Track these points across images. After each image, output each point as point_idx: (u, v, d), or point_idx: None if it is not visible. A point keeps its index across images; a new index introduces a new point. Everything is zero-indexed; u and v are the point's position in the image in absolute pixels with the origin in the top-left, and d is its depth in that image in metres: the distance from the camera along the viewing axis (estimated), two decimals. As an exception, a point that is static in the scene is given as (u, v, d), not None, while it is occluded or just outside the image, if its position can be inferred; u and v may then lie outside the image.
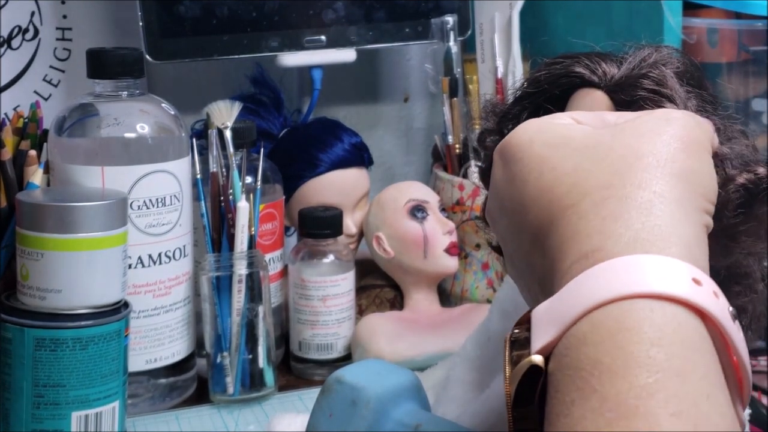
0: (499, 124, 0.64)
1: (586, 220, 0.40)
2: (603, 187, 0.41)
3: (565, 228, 0.41)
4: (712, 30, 0.96)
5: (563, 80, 0.60)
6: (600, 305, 0.37)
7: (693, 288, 0.37)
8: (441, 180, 1.02)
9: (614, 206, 0.40)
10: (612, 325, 0.36)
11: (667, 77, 0.55)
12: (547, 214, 0.42)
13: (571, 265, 0.40)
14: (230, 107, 0.87)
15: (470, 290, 1.00)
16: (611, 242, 0.39)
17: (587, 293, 0.38)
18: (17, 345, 0.70)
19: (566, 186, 0.42)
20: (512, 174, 0.45)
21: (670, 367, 0.35)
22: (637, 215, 0.40)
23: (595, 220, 0.40)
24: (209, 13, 0.98)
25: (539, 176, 0.43)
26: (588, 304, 0.37)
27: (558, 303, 0.39)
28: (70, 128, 0.80)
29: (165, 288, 0.82)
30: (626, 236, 0.39)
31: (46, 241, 0.71)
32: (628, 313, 0.36)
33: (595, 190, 0.41)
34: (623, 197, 0.40)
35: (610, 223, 0.40)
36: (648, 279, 0.37)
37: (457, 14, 1.04)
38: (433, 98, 1.19)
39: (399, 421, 0.55)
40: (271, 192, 0.91)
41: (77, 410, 0.71)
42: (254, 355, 0.84)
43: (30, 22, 1.01)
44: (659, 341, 0.35)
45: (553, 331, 0.38)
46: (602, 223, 0.40)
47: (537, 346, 0.38)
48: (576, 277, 0.39)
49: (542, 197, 0.43)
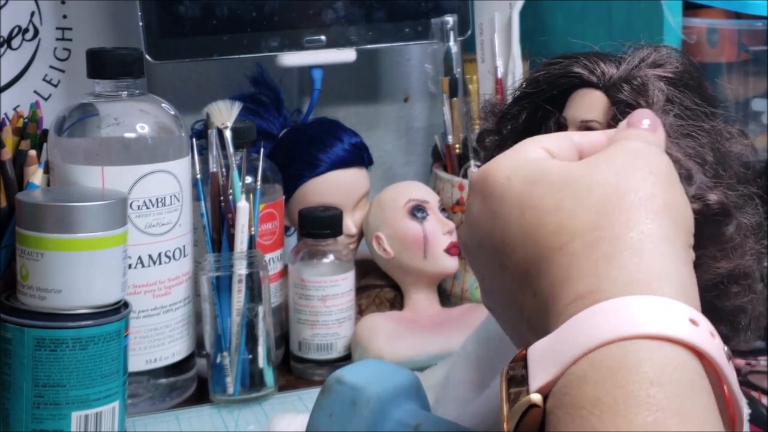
0: (499, 124, 0.64)
1: (578, 262, 0.41)
2: (591, 229, 0.41)
3: (557, 269, 0.41)
4: (712, 30, 0.96)
5: (562, 80, 0.60)
6: (600, 345, 0.37)
7: (691, 329, 0.38)
8: (441, 180, 1.02)
9: (605, 248, 0.41)
10: (612, 365, 0.37)
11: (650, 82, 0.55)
12: (534, 254, 0.43)
13: (566, 306, 0.40)
14: (230, 107, 0.87)
15: (470, 290, 1.01)
16: (607, 283, 0.39)
17: (587, 333, 0.38)
18: (17, 345, 0.70)
19: (552, 226, 0.42)
20: (491, 211, 0.45)
21: (669, 406, 0.35)
22: (630, 256, 0.40)
23: (588, 262, 0.40)
24: (209, 13, 0.98)
25: (521, 215, 0.44)
26: (588, 344, 0.37)
27: (556, 342, 0.39)
28: (70, 128, 0.80)
29: (165, 288, 0.82)
30: (621, 277, 0.39)
31: (46, 241, 0.71)
32: (629, 353, 0.37)
33: (584, 232, 0.41)
34: (613, 239, 0.41)
35: (604, 264, 0.40)
36: (647, 320, 0.37)
37: (457, 14, 1.04)
38: (433, 98, 1.19)
39: (399, 421, 0.55)
40: (271, 192, 0.91)
41: (77, 410, 0.71)
42: (254, 355, 0.84)
43: (30, 22, 1.01)
44: (659, 380, 0.36)
45: (553, 370, 0.38)
46: (595, 265, 0.40)
47: (536, 385, 0.39)
48: (573, 318, 0.39)
49: (527, 237, 0.43)
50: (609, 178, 0.43)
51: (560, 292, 0.41)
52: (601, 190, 0.43)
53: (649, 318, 0.37)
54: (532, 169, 0.45)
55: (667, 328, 0.37)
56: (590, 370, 0.37)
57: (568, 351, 0.38)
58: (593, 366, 0.37)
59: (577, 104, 0.60)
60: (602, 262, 0.40)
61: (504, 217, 0.44)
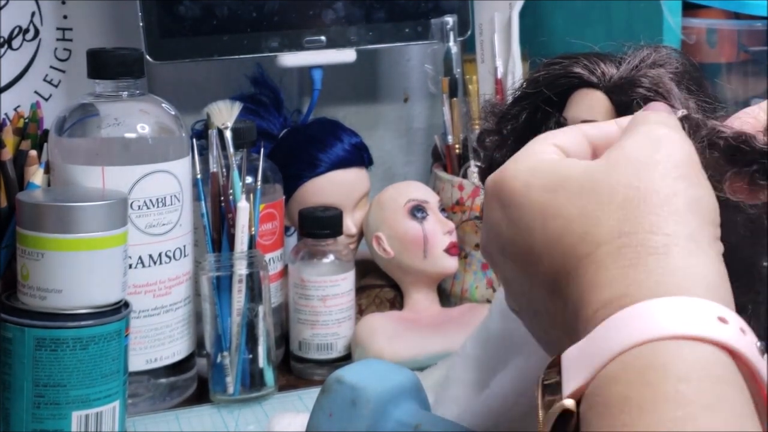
0: (499, 125, 0.64)
1: (605, 269, 0.41)
2: (615, 236, 0.42)
3: (583, 277, 0.42)
4: (712, 30, 0.97)
5: (562, 81, 0.60)
6: (630, 348, 0.38)
7: (720, 327, 0.38)
8: (441, 180, 1.02)
9: (631, 254, 0.41)
10: (642, 365, 0.37)
11: (664, 77, 0.55)
12: (561, 264, 0.43)
13: (595, 312, 0.40)
14: (230, 107, 0.87)
15: (470, 290, 1.01)
16: (634, 288, 0.40)
17: (616, 338, 0.38)
18: (18, 345, 0.70)
19: (577, 235, 0.43)
20: (513, 219, 0.45)
21: (699, 401, 0.35)
22: (656, 260, 0.40)
23: (614, 269, 0.41)
24: (209, 14, 0.98)
25: (544, 224, 0.44)
26: (618, 347, 0.38)
27: (586, 348, 0.39)
28: (70, 128, 0.80)
29: (165, 288, 0.82)
30: (648, 281, 0.40)
31: (46, 241, 0.71)
32: (658, 353, 0.37)
33: (610, 239, 0.42)
34: (638, 245, 0.41)
35: (630, 270, 0.40)
36: (675, 321, 0.38)
37: (457, 14, 1.04)
38: (433, 98, 1.19)
39: (399, 420, 0.55)
40: (271, 192, 0.91)
41: (78, 410, 0.71)
42: (254, 354, 0.84)
43: (30, 23, 1.02)
44: (687, 377, 0.36)
45: (584, 375, 0.39)
46: (622, 272, 0.41)
47: (568, 391, 0.39)
48: (603, 323, 0.39)
49: (554, 248, 0.43)
50: (630, 180, 0.43)
51: (589, 299, 0.41)
52: (622, 193, 0.43)
53: (677, 319, 0.38)
54: (549, 175, 0.45)
55: (694, 328, 0.37)
56: (620, 371, 0.37)
57: (598, 355, 0.38)
58: (623, 367, 0.37)
59: (577, 104, 0.60)
60: (629, 268, 0.40)
61: (526, 226, 0.44)
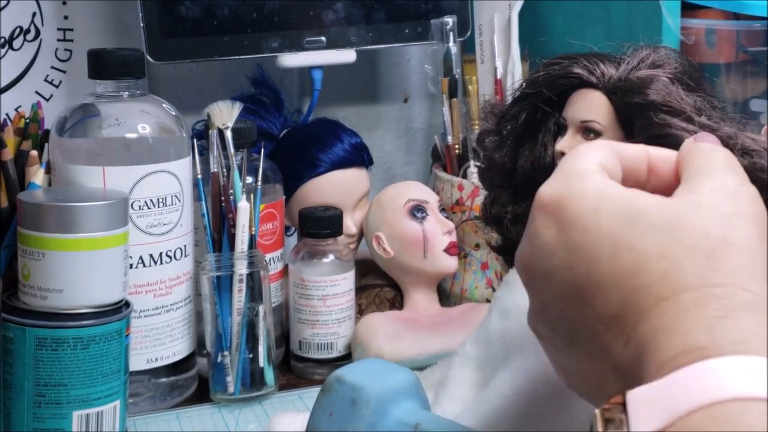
0: (499, 125, 0.65)
1: (688, 316, 0.40)
2: (701, 284, 0.41)
3: (660, 319, 0.41)
4: (711, 31, 0.97)
5: (562, 81, 0.60)
6: (719, 402, 0.37)
7: None
8: (440, 180, 1.02)
9: (717, 305, 0.40)
10: (730, 421, 0.36)
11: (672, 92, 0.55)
12: (632, 301, 0.42)
13: (672, 357, 0.39)
14: (231, 108, 0.87)
15: (470, 290, 1.01)
16: (721, 341, 0.39)
17: (704, 388, 0.37)
18: (18, 344, 0.71)
19: (656, 275, 0.41)
20: (573, 244, 0.43)
21: None
22: (744, 315, 0.40)
23: (699, 317, 0.40)
24: (210, 14, 0.98)
25: (615, 256, 0.42)
26: (705, 398, 0.37)
27: (664, 392, 0.38)
28: (71, 128, 0.81)
29: (166, 288, 0.83)
30: (737, 336, 0.39)
31: (47, 241, 0.71)
32: (748, 414, 0.36)
33: (693, 287, 0.41)
34: (726, 297, 0.40)
35: (716, 321, 0.39)
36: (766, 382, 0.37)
37: (457, 15, 1.04)
38: (433, 99, 1.19)
39: (399, 420, 0.55)
40: (271, 192, 0.92)
41: (78, 409, 0.71)
42: (255, 354, 0.84)
43: (31, 23, 1.02)
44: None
45: (661, 419, 0.38)
46: (708, 322, 0.40)
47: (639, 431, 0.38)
48: (686, 369, 0.38)
49: (625, 283, 0.42)
50: (716, 229, 0.42)
51: (665, 343, 0.40)
52: (708, 241, 0.42)
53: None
54: (622, 204, 0.43)
55: None
56: (707, 423, 0.36)
57: (681, 402, 0.37)
58: (711, 420, 0.36)
59: (576, 104, 0.60)
60: (714, 319, 0.40)
61: (591, 254, 0.43)
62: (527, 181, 0.63)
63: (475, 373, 0.67)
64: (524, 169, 0.63)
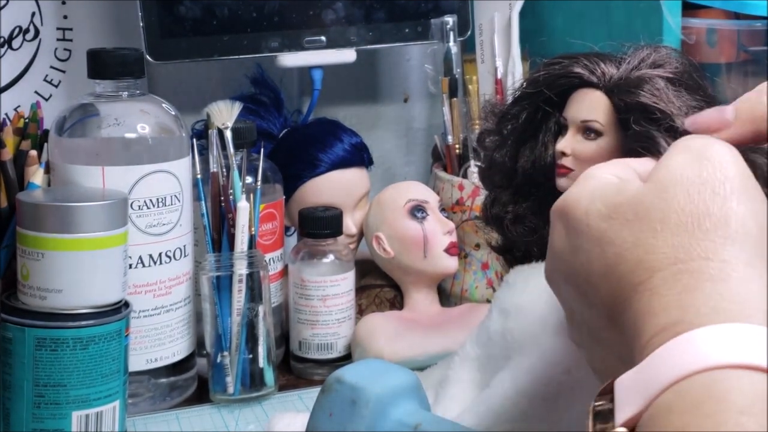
0: (499, 125, 0.64)
1: (659, 296, 0.41)
2: (670, 263, 0.41)
3: (638, 304, 0.41)
4: (711, 30, 0.97)
5: (562, 80, 0.60)
6: (686, 376, 0.37)
7: None
8: (441, 180, 1.02)
9: (687, 280, 0.40)
10: (699, 395, 0.36)
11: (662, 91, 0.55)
12: (618, 292, 0.43)
13: (650, 339, 0.40)
14: (230, 107, 0.87)
15: (470, 290, 1.01)
16: (691, 314, 0.39)
17: (671, 365, 0.37)
18: (18, 345, 0.71)
19: (631, 263, 0.42)
20: (574, 246, 0.45)
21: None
22: (713, 286, 0.40)
23: (670, 295, 0.40)
24: (209, 14, 0.98)
25: (602, 253, 0.44)
26: (673, 375, 0.37)
27: (641, 375, 0.39)
28: (70, 128, 0.80)
29: (165, 288, 0.82)
30: (705, 307, 0.39)
31: (46, 241, 0.71)
32: (716, 383, 0.36)
33: (664, 266, 0.41)
34: (694, 271, 0.40)
35: (686, 296, 0.40)
36: (734, 349, 0.37)
37: (457, 15, 1.04)
38: (433, 98, 1.19)
39: (399, 420, 0.55)
40: (271, 192, 0.92)
41: (78, 410, 0.71)
42: (254, 354, 0.84)
43: (30, 23, 1.02)
44: (749, 410, 0.35)
45: (638, 403, 0.38)
46: (678, 298, 0.40)
47: (621, 419, 0.38)
48: (658, 350, 0.38)
49: (611, 275, 0.43)
50: (680, 203, 0.42)
51: (643, 326, 0.40)
52: (674, 219, 0.42)
53: (737, 347, 0.37)
54: (606, 202, 0.45)
55: (755, 357, 0.36)
56: (676, 400, 0.36)
57: (653, 383, 0.37)
58: (679, 396, 0.36)
59: (577, 104, 0.60)
60: (684, 294, 0.40)
61: (586, 253, 0.44)
62: (528, 181, 0.63)
63: (476, 373, 0.67)
64: (525, 168, 0.63)
